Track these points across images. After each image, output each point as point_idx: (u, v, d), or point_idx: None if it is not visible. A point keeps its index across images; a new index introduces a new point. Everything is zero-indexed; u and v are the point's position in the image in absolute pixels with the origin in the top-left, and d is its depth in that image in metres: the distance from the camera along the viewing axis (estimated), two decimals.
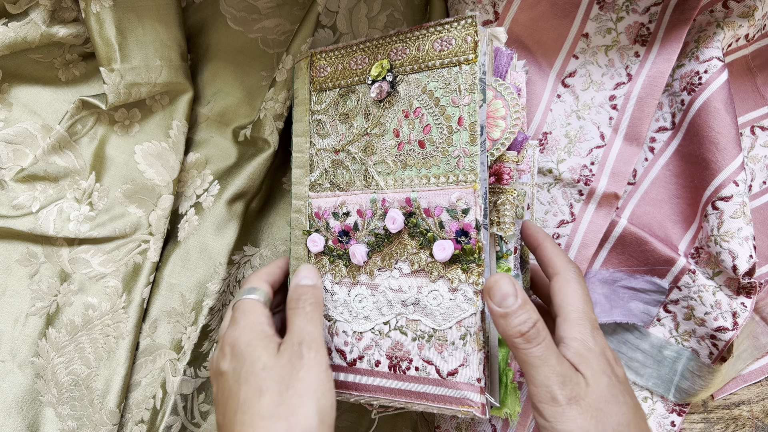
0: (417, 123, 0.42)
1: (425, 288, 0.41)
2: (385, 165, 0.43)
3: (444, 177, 0.41)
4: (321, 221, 0.46)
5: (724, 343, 0.49)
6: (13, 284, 0.49)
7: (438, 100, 0.41)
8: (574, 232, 0.51)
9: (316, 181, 0.46)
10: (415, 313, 0.42)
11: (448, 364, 0.41)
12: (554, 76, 0.54)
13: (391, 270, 0.43)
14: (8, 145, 0.48)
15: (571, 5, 0.53)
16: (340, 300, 0.45)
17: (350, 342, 0.44)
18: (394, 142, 0.43)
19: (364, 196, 0.44)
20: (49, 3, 0.47)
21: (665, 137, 0.53)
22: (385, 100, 0.43)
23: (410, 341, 0.42)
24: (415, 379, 0.42)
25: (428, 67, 0.42)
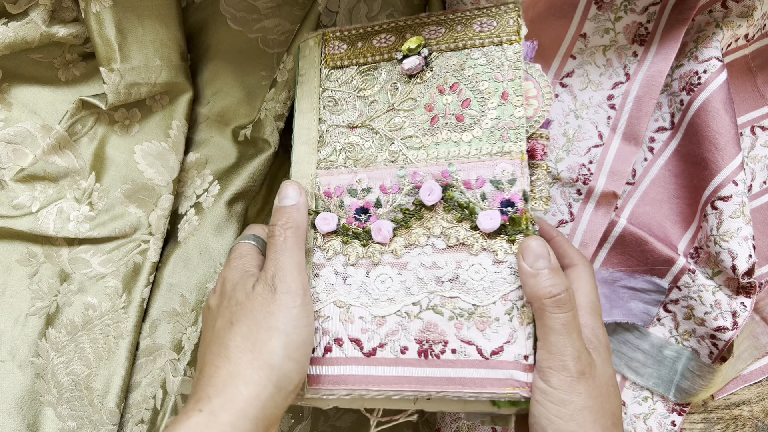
0: (454, 98, 0.42)
1: (465, 262, 0.39)
2: (416, 140, 0.42)
3: (487, 149, 0.40)
4: (333, 200, 0.43)
5: (724, 342, 0.49)
6: (13, 284, 0.49)
7: (478, 76, 0.42)
8: (573, 231, 0.51)
9: (327, 158, 0.44)
10: (453, 290, 0.39)
11: (492, 343, 0.38)
12: (552, 77, 0.54)
13: (422, 247, 0.41)
14: (8, 145, 0.48)
15: (569, 6, 0.53)
16: (356, 283, 0.41)
17: (369, 329, 0.40)
18: (427, 116, 0.42)
19: (389, 171, 0.42)
20: (48, 3, 0.47)
21: (664, 137, 0.53)
22: (417, 76, 0.43)
23: (446, 321, 0.39)
24: (451, 363, 0.38)
25: (466, 46, 0.42)
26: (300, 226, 0.41)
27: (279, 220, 0.40)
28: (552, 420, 0.35)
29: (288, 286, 0.38)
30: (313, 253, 0.42)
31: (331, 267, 0.42)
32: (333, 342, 0.40)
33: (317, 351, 0.40)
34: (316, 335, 0.41)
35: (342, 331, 0.40)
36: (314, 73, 0.46)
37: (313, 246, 0.43)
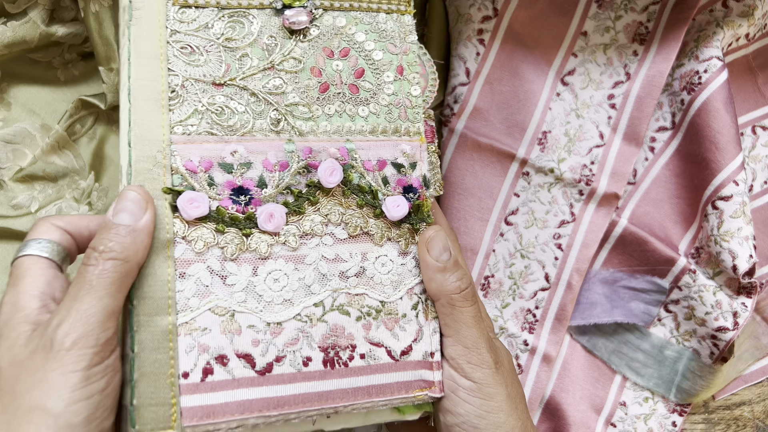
0: (346, 65, 0.37)
1: (371, 253, 0.35)
2: (303, 108, 0.36)
3: (385, 127, 0.37)
4: (198, 176, 0.33)
5: (724, 343, 0.49)
6: None
7: (371, 44, 0.38)
8: (574, 232, 0.51)
9: (185, 121, 0.34)
10: (359, 286, 0.35)
11: (401, 342, 0.35)
12: (553, 74, 0.54)
13: (321, 236, 0.35)
14: (7, 145, 0.48)
15: (570, 3, 0.53)
16: (239, 283, 0.33)
17: (262, 339, 0.33)
18: (315, 82, 0.36)
19: (273, 144, 0.35)
20: (48, 2, 0.47)
21: (665, 137, 0.53)
22: (300, 32, 0.37)
23: (354, 322, 0.34)
24: (360, 370, 0.34)
25: (354, 8, 0.38)
26: (130, 259, 0.29)
27: (101, 243, 0.29)
28: (483, 415, 0.34)
29: (74, 340, 0.26)
30: (173, 246, 0.32)
31: (203, 263, 0.32)
32: (214, 361, 0.32)
33: (193, 375, 0.31)
34: (190, 355, 0.31)
35: (226, 345, 0.32)
36: (156, 8, 0.35)
37: (174, 237, 0.32)
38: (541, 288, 0.52)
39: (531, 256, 0.52)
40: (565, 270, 0.51)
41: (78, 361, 0.26)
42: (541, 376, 0.51)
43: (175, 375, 0.31)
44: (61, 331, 0.26)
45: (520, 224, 0.53)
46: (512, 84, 0.53)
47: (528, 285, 0.52)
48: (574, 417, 0.51)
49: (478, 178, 0.53)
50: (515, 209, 0.53)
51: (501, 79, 0.54)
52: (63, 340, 0.26)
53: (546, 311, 0.52)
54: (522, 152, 0.53)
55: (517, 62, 0.53)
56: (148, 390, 0.30)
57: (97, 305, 0.28)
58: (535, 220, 0.53)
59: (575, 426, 0.51)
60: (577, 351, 0.53)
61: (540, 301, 0.52)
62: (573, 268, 0.51)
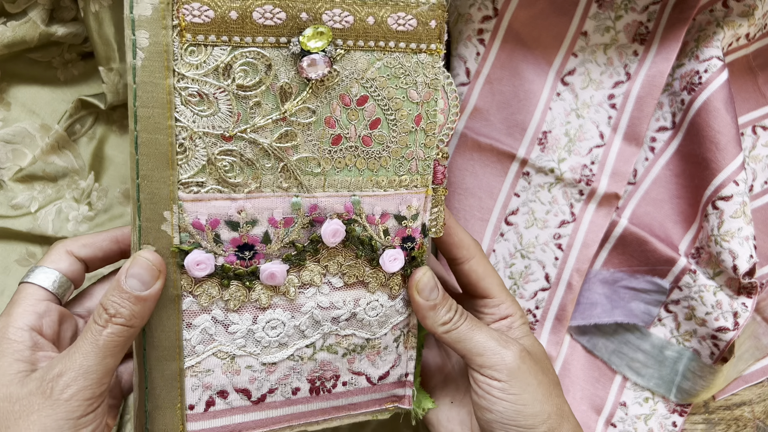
0: (362, 114, 0.34)
1: (363, 300, 0.36)
2: (314, 162, 0.33)
3: (393, 181, 0.35)
4: (205, 233, 0.33)
5: (725, 343, 0.49)
6: (12, 284, 0.49)
7: (390, 91, 0.34)
8: (575, 232, 0.51)
9: (192, 178, 0.32)
10: (348, 328, 0.37)
11: (380, 369, 0.38)
12: (554, 74, 0.54)
13: (318, 286, 0.35)
14: (7, 145, 0.48)
15: (570, 3, 0.53)
16: (240, 331, 0.35)
17: (258, 377, 0.36)
18: (328, 134, 0.33)
19: (280, 200, 0.33)
20: (47, 2, 0.47)
21: (665, 137, 0.53)
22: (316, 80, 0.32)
23: (340, 358, 0.37)
24: (341, 394, 0.38)
25: (379, 48, 0.33)
26: (136, 325, 0.31)
27: (111, 307, 0.30)
28: (519, 410, 0.35)
29: (72, 393, 0.29)
30: (181, 300, 0.33)
31: (208, 314, 0.34)
32: (216, 395, 0.35)
33: (197, 407, 0.35)
34: (195, 392, 0.34)
35: (227, 384, 0.35)
36: (162, 48, 0.30)
37: (181, 292, 0.33)
38: (542, 288, 0.52)
39: (531, 256, 0.52)
40: (565, 270, 0.51)
41: (73, 411, 0.29)
42: None
43: (182, 407, 0.35)
44: (62, 382, 0.29)
45: (521, 224, 0.53)
46: (512, 84, 0.53)
47: (528, 285, 0.52)
48: None
49: (478, 178, 0.53)
50: (515, 209, 0.53)
51: (501, 78, 0.54)
52: (63, 390, 0.28)
53: (546, 311, 0.52)
54: (522, 152, 0.53)
55: (517, 62, 0.53)
56: (160, 418, 0.35)
57: (99, 364, 0.30)
58: (536, 220, 0.52)
59: None
60: (578, 351, 0.53)
61: (540, 301, 0.52)
62: (573, 268, 0.51)
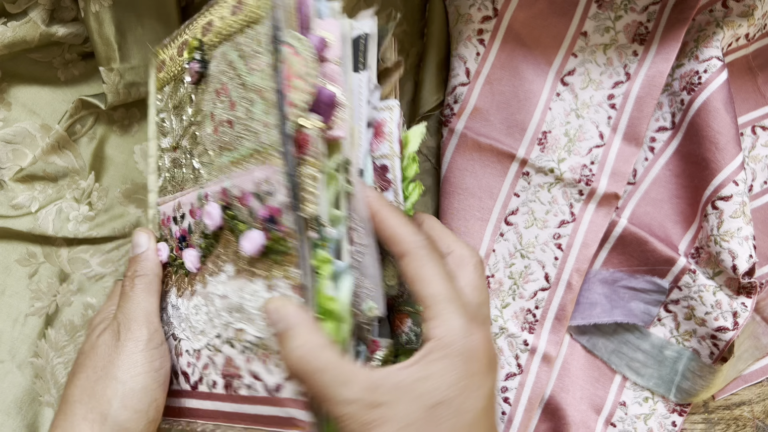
0: (227, 101, 0.36)
1: (246, 289, 0.34)
2: (207, 155, 0.37)
3: (251, 157, 0.34)
4: (166, 228, 0.41)
5: (724, 343, 0.49)
6: (12, 284, 0.49)
7: (238, 70, 0.35)
8: (574, 231, 0.51)
9: (163, 186, 0.41)
10: (240, 321, 0.35)
11: (274, 377, 0.34)
12: (553, 75, 0.54)
13: (218, 275, 0.36)
14: (7, 145, 0.48)
15: (570, 3, 0.53)
16: (182, 315, 0.39)
17: (192, 362, 0.38)
18: (212, 127, 0.36)
19: (194, 194, 0.38)
20: (48, 2, 0.47)
21: (665, 137, 0.53)
22: (201, 83, 0.37)
23: (239, 354, 0.35)
24: (247, 399, 0.36)
25: (230, 37, 0.36)
26: (149, 273, 0.40)
27: (129, 270, 0.40)
28: None
29: (132, 334, 0.37)
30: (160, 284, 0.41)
31: (169, 299, 0.40)
32: (173, 374, 0.40)
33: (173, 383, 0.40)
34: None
35: (176, 364, 0.39)
36: (152, 97, 0.43)
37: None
38: (541, 288, 0.52)
39: (531, 256, 0.52)
40: (565, 270, 0.51)
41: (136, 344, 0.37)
42: (541, 376, 0.51)
43: None
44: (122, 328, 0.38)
45: (520, 224, 0.53)
46: (512, 84, 0.53)
47: (528, 285, 0.52)
48: (573, 417, 0.51)
49: (478, 178, 0.53)
50: (515, 209, 0.53)
51: (501, 79, 0.54)
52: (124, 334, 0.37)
53: (546, 311, 0.52)
54: (522, 152, 0.53)
55: (517, 62, 0.53)
56: None
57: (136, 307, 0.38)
58: (535, 220, 0.53)
59: (575, 426, 0.51)
60: (577, 351, 0.53)
61: (540, 301, 0.52)
62: (573, 268, 0.51)
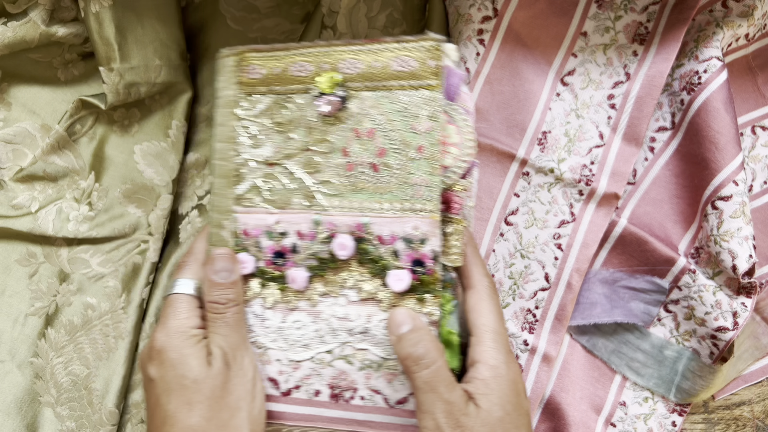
0: (370, 145, 0.40)
1: (375, 317, 0.40)
2: (332, 186, 0.40)
3: (400, 204, 0.39)
4: (250, 240, 0.42)
5: (724, 343, 0.49)
6: (13, 284, 0.49)
7: (395, 123, 0.39)
8: (574, 231, 0.51)
9: (244, 195, 0.42)
10: (363, 342, 0.40)
11: (398, 393, 0.40)
12: (553, 75, 0.54)
13: (336, 297, 0.40)
14: (7, 145, 0.48)
15: (570, 3, 0.53)
16: (273, 326, 0.42)
17: (285, 371, 0.42)
18: (343, 161, 0.40)
19: (305, 216, 0.41)
20: (48, 2, 0.47)
21: (665, 137, 0.53)
22: (333, 116, 0.40)
23: (356, 370, 0.41)
24: (359, 408, 0.41)
25: (384, 87, 0.39)
26: (240, 301, 0.41)
27: (220, 299, 0.40)
28: None
29: (240, 363, 0.39)
30: None
31: (250, 308, 0.42)
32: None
33: None
34: None
35: (260, 370, 0.42)
36: (231, 99, 0.43)
37: None
38: (541, 288, 0.52)
39: (531, 256, 0.52)
40: (565, 270, 0.51)
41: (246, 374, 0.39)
42: (541, 376, 0.51)
43: None
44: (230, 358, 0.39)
45: (520, 224, 0.53)
46: (512, 84, 0.53)
47: (528, 285, 0.52)
48: (573, 417, 0.51)
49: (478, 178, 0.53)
50: (515, 209, 0.53)
51: (501, 79, 0.54)
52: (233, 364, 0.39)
53: (546, 311, 0.52)
54: (522, 152, 0.53)
55: (517, 62, 0.54)
56: None
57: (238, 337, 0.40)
58: (535, 220, 0.53)
59: (575, 426, 0.51)
60: (577, 351, 0.53)
61: (540, 301, 0.52)
62: (573, 268, 0.51)
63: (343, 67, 0.40)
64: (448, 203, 0.40)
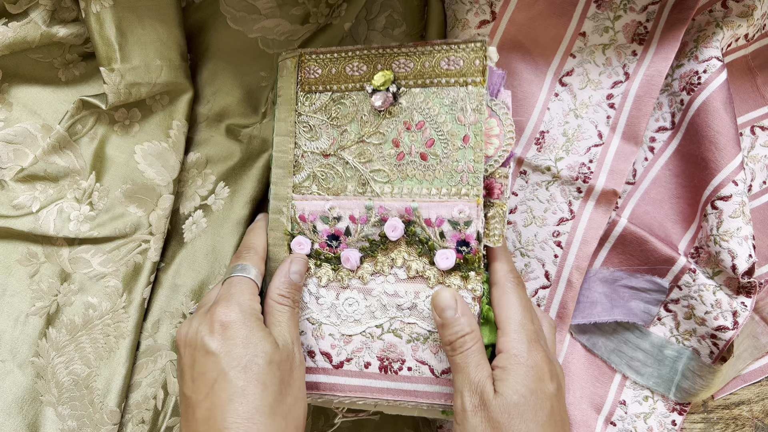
0: (419, 136, 0.44)
1: (423, 293, 0.43)
2: (383, 173, 0.44)
3: (447, 190, 0.43)
4: (306, 224, 0.46)
5: (724, 342, 0.49)
6: (14, 284, 0.49)
7: (443, 116, 0.43)
8: (574, 229, 0.51)
9: (301, 184, 0.46)
10: (411, 317, 0.44)
11: (443, 364, 0.43)
12: (552, 75, 0.54)
13: (386, 276, 0.44)
14: (8, 145, 0.48)
15: (569, 4, 0.53)
16: (326, 303, 0.45)
17: (338, 345, 0.45)
18: (394, 151, 0.44)
19: (358, 202, 0.45)
20: (49, 3, 0.47)
21: (665, 137, 0.53)
22: (386, 110, 0.44)
23: (404, 343, 0.44)
24: (407, 378, 0.44)
25: (433, 84, 0.43)
26: (299, 299, 0.45)
27: (292, 295, 0.43)
28: None
29: (299, 357, 0.42)
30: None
31: (305, 287, 0.46)
32: (306, 354, 0.45)
33: None
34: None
35: (314, 345, 0.45)
36: (291, 96, 0.47)
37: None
38: (542, 286, 0.52)
39: (530, 254, 0.52)
40: (564, 268, 0.51)
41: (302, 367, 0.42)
42: None
43: None
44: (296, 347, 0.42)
45: (519, 222, 0.53)
46: (511, 84, 0.54)
47: (528, 284, 0.52)
48: (574, 416, 0.52)
49: None
50: (513, 208, 0.53)
51: None
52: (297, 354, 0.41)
53: (547, 309, 0.52)
54: (518, 151, 0.53)
55: (515, 63, 0.54)
56: None
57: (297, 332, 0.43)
58: (534, 218, 0.53)
59: (575, 425, 0.51)
60: (577, 350, 0.53)
61: (541, 299, 0.52)
62: (573, 266, 0.51)
63: (396, 67, 0.44)
64: (490, 189, 0.43)
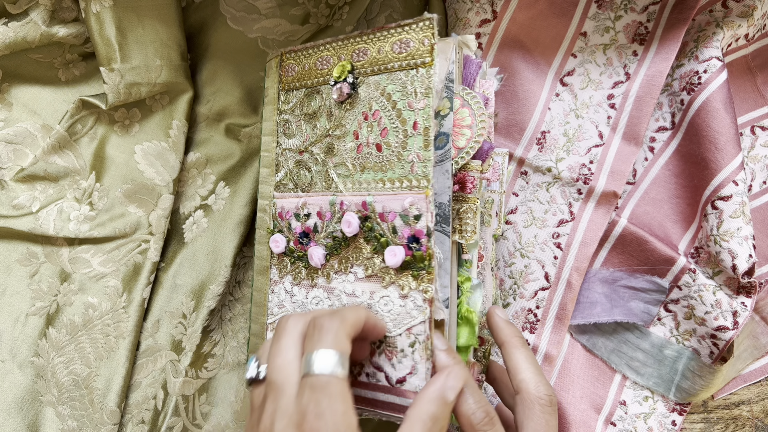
0: (375, 126, 0.42)
1: (377, 293, 0.41)
2: (345, 167, 0.43)
3: (398, 182, 0.40)
4: (284, 221, 0.46)
5: (724, 342, 0.49)
6: (14, 284, 0.49)
7: (395, 103, 0.41)
8: (573, 230, 0.51)
9: (281, 181, 0.46)
10: None
11: (397, 372, 0.40)
12: (552, 75, 0.54)
13: (346, 274, 0.42)
14: (8, 145, 0.48)
15: (570, 4, 0.53)
16: (298, 302, 0.44)
17: None
18: (354, 144, 0.42)
19: (324, 198, 0.43)
20: (49, 3, 0.47)
21: (665, 137, 0.53)
22: (346, 102, 0.43)
23: None
24: (365, 385, 0.41)
25: (387, 70, 0.41)
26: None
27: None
28: None
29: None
30: (270, 270, 0.47)
31: (282, 284, 0.46)
32: None
33: None
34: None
35: None
36: (274, 96, 0.47)
37: (270, 264, 0.47)
38: (542, 287, 0.52)
39: (530, 256, 0.52)
40: (564, 269, 0.51)
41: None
42: None
43: None
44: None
45: (519, 223, 0.53)
46: (512, 84, 0.53)
47: (528, 285, 0.52)
48: (574, 416, 0.52)
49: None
50: (514, 208, 0.53)
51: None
52: None
53: (547, 311, 0.52)
54: (520, 152, 0.53)
55: (516, 63, 0.54)
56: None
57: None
58: (534, 219, 0.53)
59: (575, 425, 0.51)
60: (577, 350, 0.53)
61: (541, 300, 0.52)
62: (573, 267, 0.51)
63: (355, 56, 0.43)
64: (462, 183, 0.42)
